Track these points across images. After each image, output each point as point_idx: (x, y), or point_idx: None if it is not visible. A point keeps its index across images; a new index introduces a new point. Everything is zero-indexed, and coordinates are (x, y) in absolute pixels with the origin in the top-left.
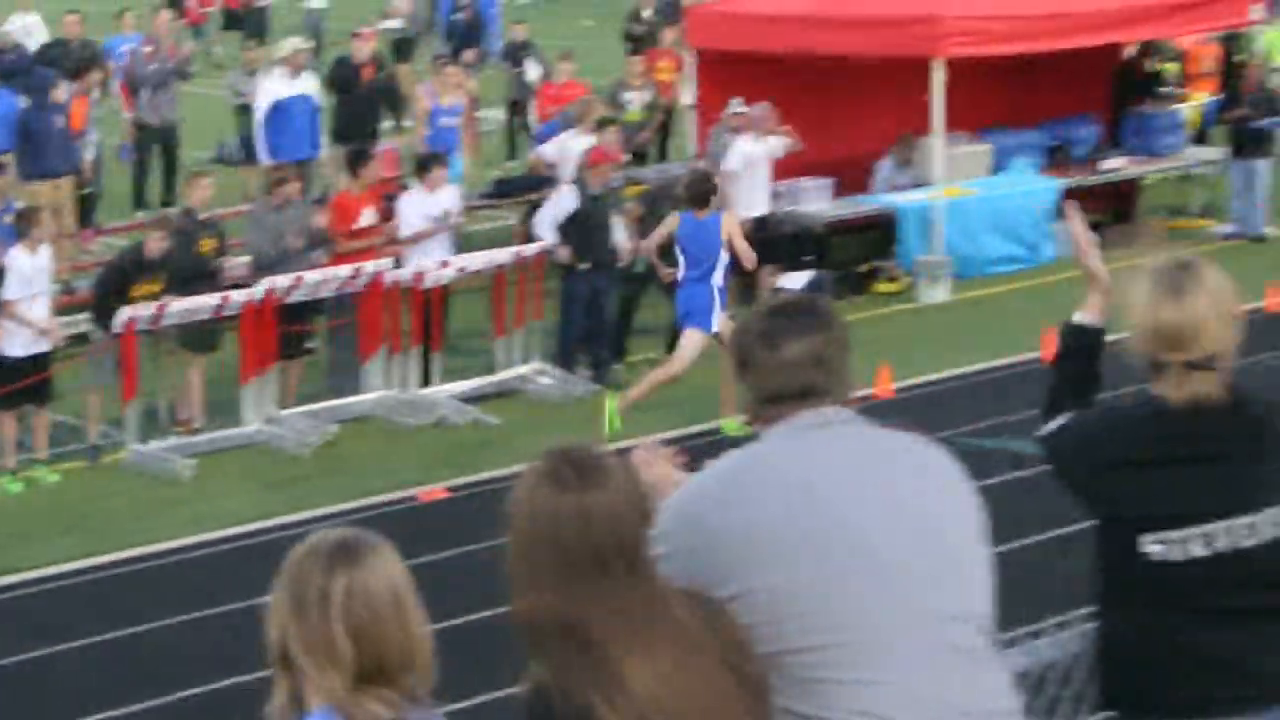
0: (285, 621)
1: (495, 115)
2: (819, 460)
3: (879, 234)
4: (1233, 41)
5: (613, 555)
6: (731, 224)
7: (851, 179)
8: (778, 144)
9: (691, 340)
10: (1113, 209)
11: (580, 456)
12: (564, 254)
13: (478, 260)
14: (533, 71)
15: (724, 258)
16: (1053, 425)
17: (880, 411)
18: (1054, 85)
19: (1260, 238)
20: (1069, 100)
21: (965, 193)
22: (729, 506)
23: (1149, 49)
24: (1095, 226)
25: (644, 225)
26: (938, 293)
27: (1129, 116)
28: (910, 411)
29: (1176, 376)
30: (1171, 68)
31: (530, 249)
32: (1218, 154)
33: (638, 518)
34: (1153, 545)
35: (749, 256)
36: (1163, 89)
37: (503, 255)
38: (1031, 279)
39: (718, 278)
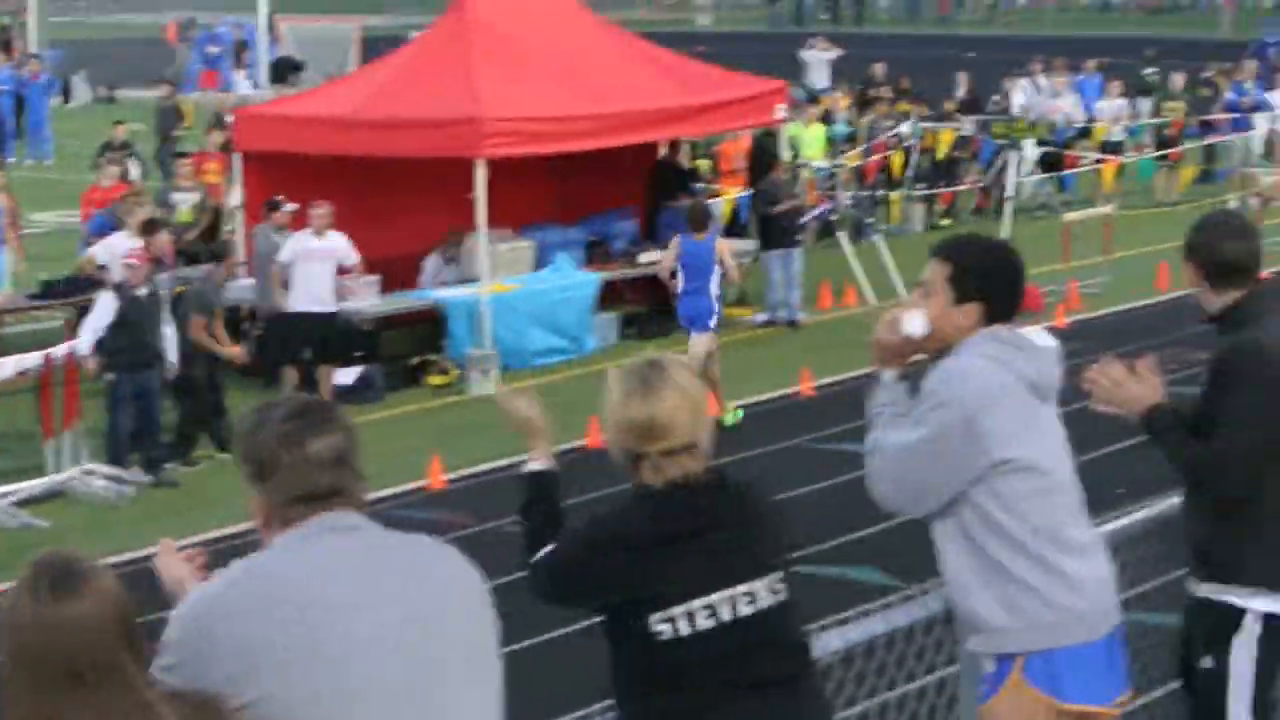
0: None
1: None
2: (328, 569)
3: (429, 328)
4: (762, 138)
5: (89, 666)
6: (723, 246)
7: (401, 275)
8: (341, 244)
9: (698, 341)
10: (652, 300)
11: (59, 566)
12: (91, 365)
13: (8, 364)
14: (134, 170)
15: (716, 272)
16: (543, 550)
17: (432, 502)
18: (593, 182)
19: (794, 323)
20: (608, 196)
21: (509, 288)
22: (232, 616)
23: (683, 146)
24: (634, 318)
25: (209, 328)
26: (486, 385)
27: (666, 211)
28: (461, 501)
29: (655, 464)
30: (705, 164)
31: (58, 351)
32: (750, 245)
33: (118, 626)
34: (661, 624)
35: (735, 274)
36: (697, 184)
37: (31, 359)
38: (575, 369)
39: (713, 288)
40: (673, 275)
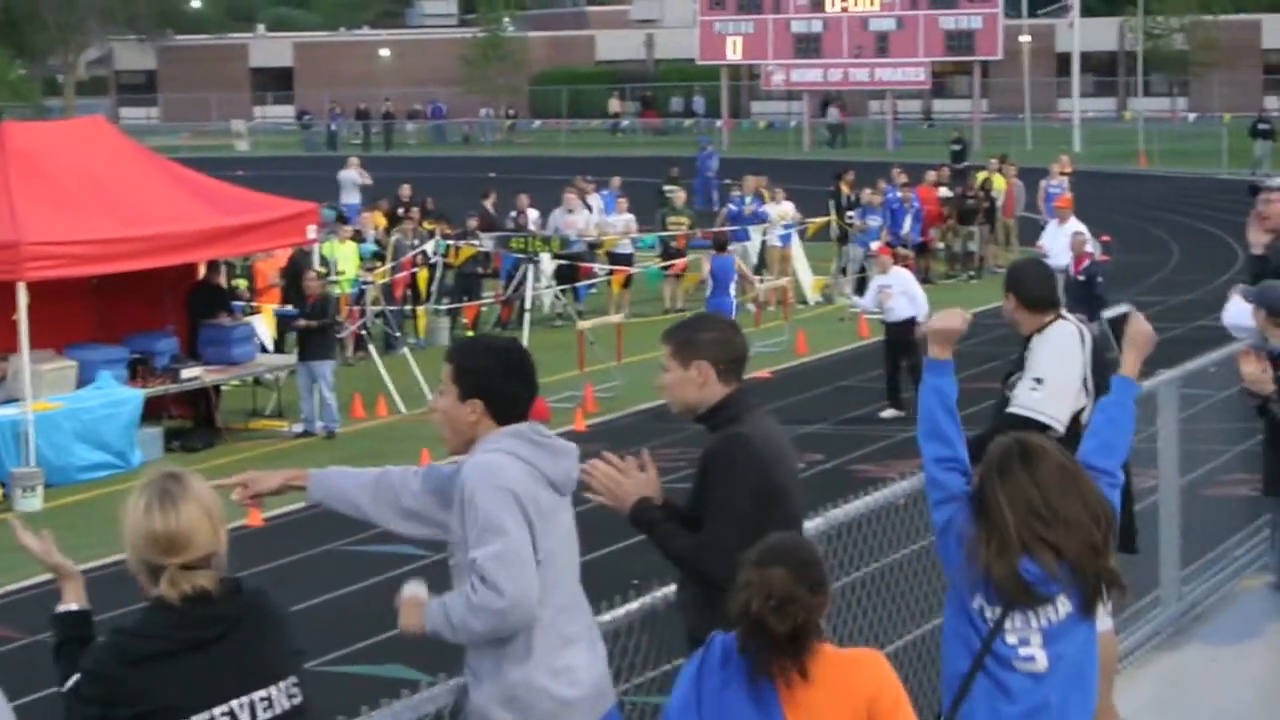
0: None
1: None
2: None
3: None
4: (296, 256)
5: None
6: (739, 261)
7: None
8: None
9: None
10: (195, 414)
11: None
12: None
13: None
14: None
15: (735, 279)
16: (71, 680)
17: None
18: (135, 302)
19: (332, 434)
20: (149, 316)
21: (53, 406)
22: None
23: (221, 266)
24: (179, 431)
25: None
26: (32, 502)
27: (205, 328)
28: (6, 617)
29: (172, 577)
30: (242, 282)
31: None
32: (287, 360)
33: None
34: None
35: (750, 279)
36: (235, 302)
37: None
38: (122, 483)
39: (732, 291)
40: (702, 282)
